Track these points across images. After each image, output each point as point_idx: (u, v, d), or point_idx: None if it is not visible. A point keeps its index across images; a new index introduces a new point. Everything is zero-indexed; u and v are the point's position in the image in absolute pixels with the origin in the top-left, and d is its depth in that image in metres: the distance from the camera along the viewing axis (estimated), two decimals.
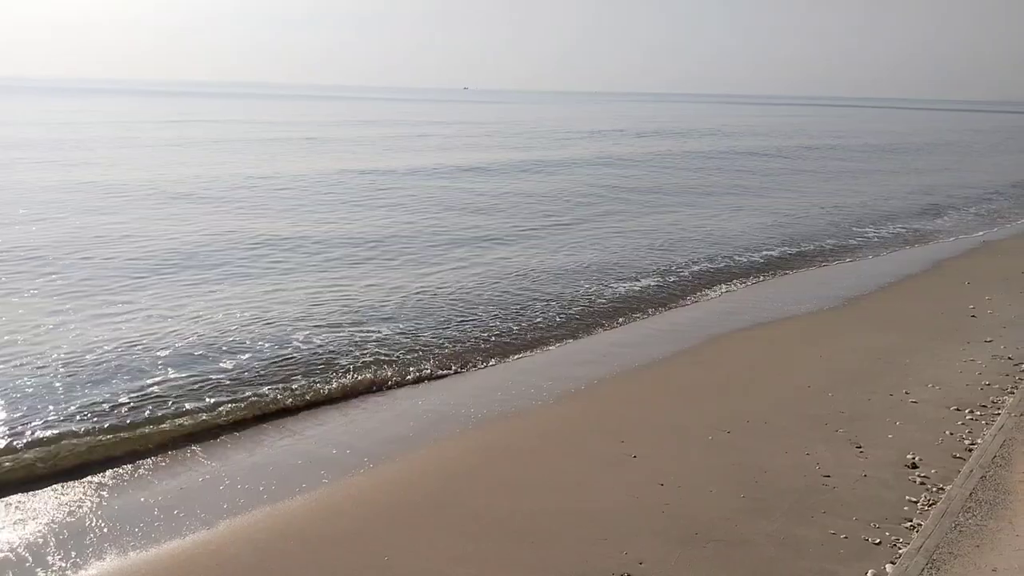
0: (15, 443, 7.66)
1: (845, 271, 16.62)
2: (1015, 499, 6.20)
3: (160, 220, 19.73)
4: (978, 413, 8.44)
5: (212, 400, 8.82)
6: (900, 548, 5.86)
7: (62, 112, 73.92)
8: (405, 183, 28.94)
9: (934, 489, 6.79)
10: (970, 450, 7.45)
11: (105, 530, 6.36)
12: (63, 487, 7.07)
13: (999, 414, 8.16)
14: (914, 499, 6.65)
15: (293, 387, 9.30)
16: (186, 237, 17.61)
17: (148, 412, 8.43)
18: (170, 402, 8.72)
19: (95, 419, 8.21)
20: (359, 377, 9.73)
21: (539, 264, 16.31)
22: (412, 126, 67.24)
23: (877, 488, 6.91)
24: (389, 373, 9.92)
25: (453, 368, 10.37)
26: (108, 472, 7.35)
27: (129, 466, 7.49)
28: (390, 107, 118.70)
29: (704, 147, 51.67)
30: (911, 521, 6.28)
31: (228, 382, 9.39)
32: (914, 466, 7.27)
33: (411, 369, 10.13)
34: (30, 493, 6.96)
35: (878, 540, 6.05)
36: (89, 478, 7.24)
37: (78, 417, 8.24)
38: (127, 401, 8.70)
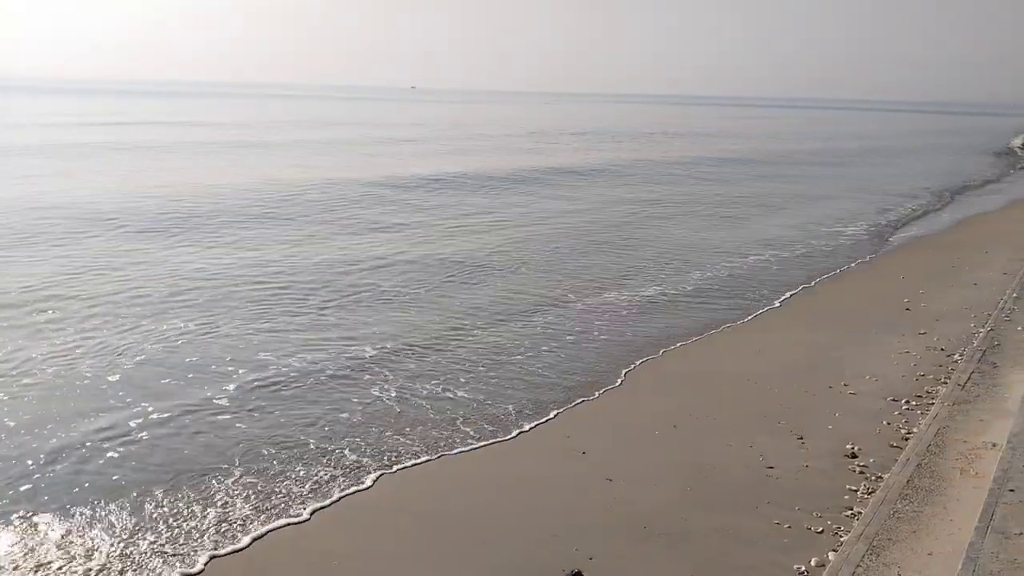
0: None
1: (783, 268, 16.93)
2: (949, 485, 6.41)
3: None
4: (913, 403, 8.71)
5: None
6: (842, 536, 6.01)
7: None
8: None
9: (873, 478, 6.99)
10: (906, 439, 7.68)
11: None
12: None
13: (933, 404, 8.42)
14: (854, 488, 6.83)
15: None
16: None
17: None
18: None
19: None
20: None
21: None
22: (349, 128, 65.72)
23: (819, 478, 7.08)
24: None
25: None
26: None
27: None
28: (330, 106, 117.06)
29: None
30: (852, 509, 6.46)
31: None
32: (854, 456, 7.47)
33: None
34: None
35: (820, 529, 6.20)
36: None
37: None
38: None
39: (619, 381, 9.76)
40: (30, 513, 6.44)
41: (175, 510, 6.55)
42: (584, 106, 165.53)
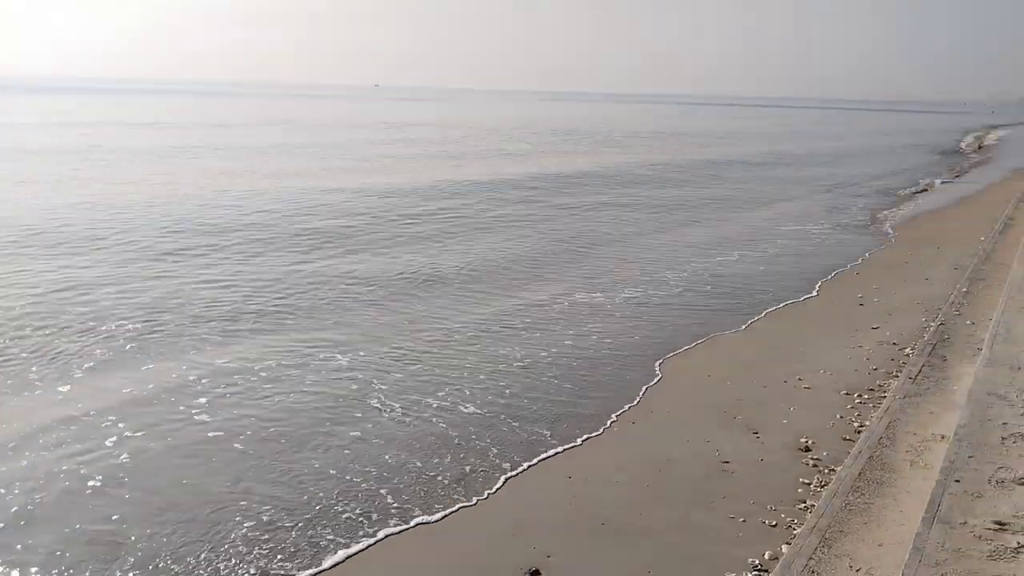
0: None
1: (739, 259, 17.12)
2: (899, 477, 6.53)
3: None
4: (866, 397, 8.87)
5: None
6: (795, 529, 6.10)
7: None
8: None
9: (826, 471, 7.11)
10: (859, 432, 7.82)
11: None
12: None
13: (885, 397, 8.58)
14: (807, 481, 6.94)
15: None
16: None
17: None
18: None
19: None
20: None
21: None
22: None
23: (773, 472, 7.18)
24: None
25: None
26: None
27: None
28: (285, 104, 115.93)
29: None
30: (805, 502, 6.56)
31: None
32: (807, 449, 7.59)
33: None
34: None
35: (775, 522, 6.29)
36: None
37: None
38: None
39: None
40: None
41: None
42: (532, 104, 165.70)
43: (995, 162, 47.97)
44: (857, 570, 5.17)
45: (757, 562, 5.73)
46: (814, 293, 14.27)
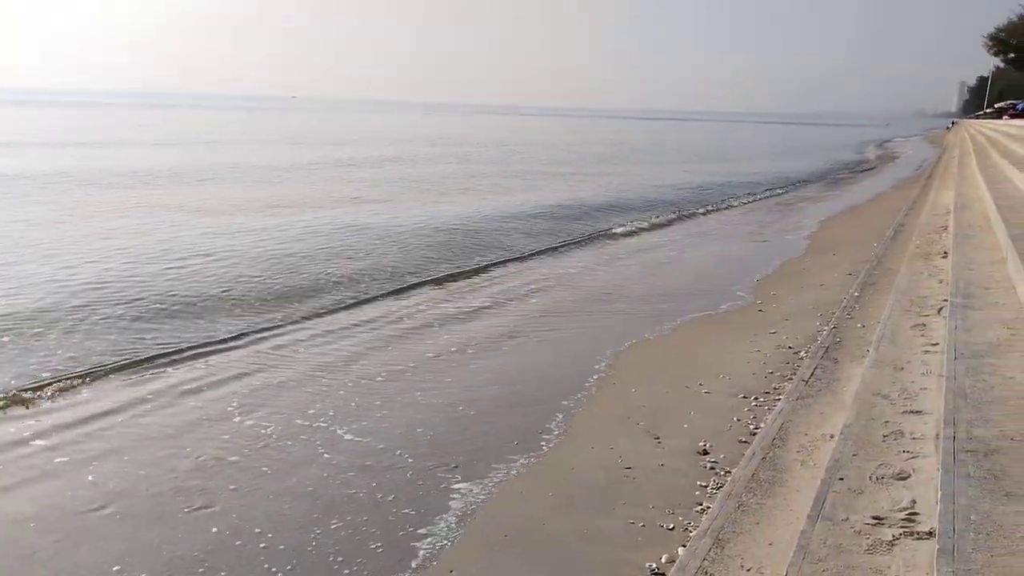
0: None
1: (641, 268, 17.50)
2: (790, 477, 6.75)
3: None
4: (762, 399, 9.15)
5: None
6: (691, 531, 6.23)
7: None
8: None
9: (722, 473, 7.29)
10: (754, 434, 8.06)
11: None
12: None
13: (779, 399, 8.87)
14: (704, 484, 7.11)
15: None
16: None
17: None
18: None
19: None
20: None
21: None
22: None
23: (672, 476, 7.33)
24: None
25: None
26: None
27: None
28: (195, 115, 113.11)
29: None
30: (701, 505, 6.71)
31: None
32: (705, 453, 7.78)
33: None
34: None
35: (672, 526, 6.42)
36: None
37: None
38: None
39: None
40: None
41: None
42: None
43: (888, 171, 50.43)
44: (748, 569, 5.32)
45: (655, 566, 5.84)
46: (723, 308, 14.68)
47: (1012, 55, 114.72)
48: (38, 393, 9.27)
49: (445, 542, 6.27)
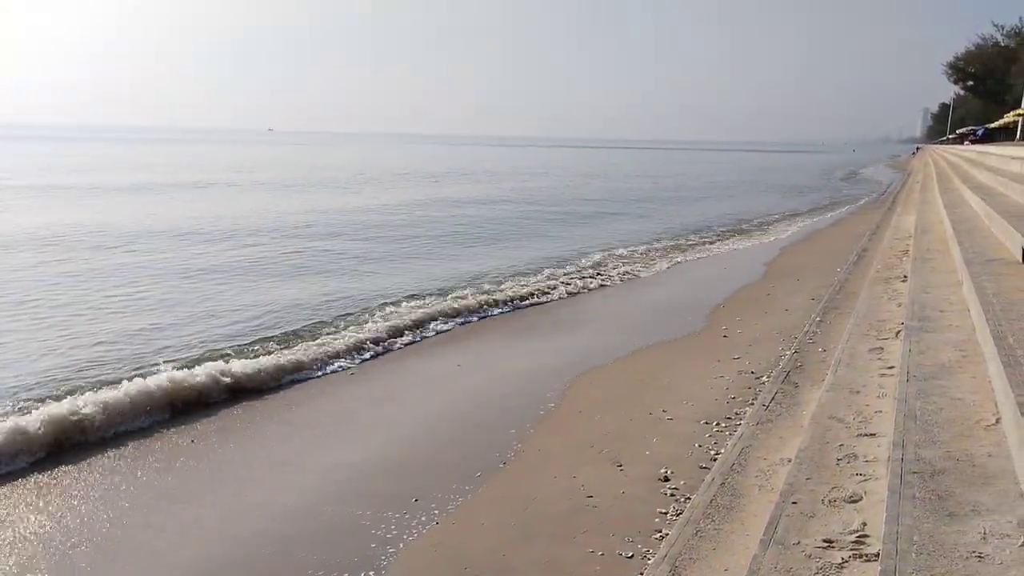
0: None
1: (608, 296, 17.64)
2: (749, 502, 6.81)
3: None
4: (724, 425, 9.24)
5: None
6: (650, 559, 6.26)
7: None
8: None
9: (682, 499, 7.34)
10: (714, 460, 8.12)
11: None
12: None
13: (740, 424, 8.95)
14: (664, 511, 7.15)
15: None
16: None
17: None
18: None
19: None
20: None
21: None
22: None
23: (633, 503, 7.36)
24: None
25: None
26: None
27: None
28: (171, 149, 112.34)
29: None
30: (660, 532, 6.75)
31: None
32: (666, 479, 7.83)
33: None
34: None
35: (631, 553, 6.44)
36: None
37: None
38: None
39: None
40: None
41: None
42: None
43: (855, 194, 51.33)
44: None
45: None
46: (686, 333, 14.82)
47: (971, 83, 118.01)
48: None
49: None
